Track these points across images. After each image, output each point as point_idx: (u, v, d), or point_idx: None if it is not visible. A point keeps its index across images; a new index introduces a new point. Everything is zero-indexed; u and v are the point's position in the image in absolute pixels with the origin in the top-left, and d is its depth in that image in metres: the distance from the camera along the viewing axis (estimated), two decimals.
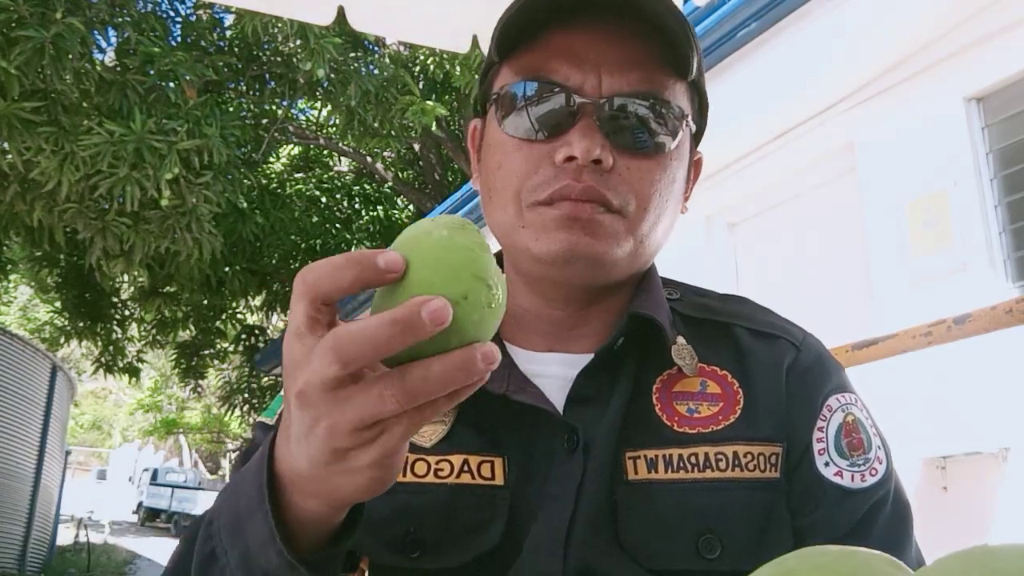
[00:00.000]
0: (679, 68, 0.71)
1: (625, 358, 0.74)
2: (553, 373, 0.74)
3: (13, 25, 4.87)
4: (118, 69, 5.73)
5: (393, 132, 6.97)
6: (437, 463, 0.71)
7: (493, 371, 0.70)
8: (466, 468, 0.70)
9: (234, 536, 0.55)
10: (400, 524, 0.69)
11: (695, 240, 4.01)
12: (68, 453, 16.42)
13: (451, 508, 0.69)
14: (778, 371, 0.74)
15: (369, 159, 9.19)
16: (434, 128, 6.96)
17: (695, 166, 0.82)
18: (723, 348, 0.76)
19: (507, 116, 0.72)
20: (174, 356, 10.04)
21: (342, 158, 10.02)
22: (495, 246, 0.81)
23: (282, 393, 0.79)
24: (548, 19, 0.71)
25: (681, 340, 0.75)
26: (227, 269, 8.37)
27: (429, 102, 6.55)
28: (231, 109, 6.97)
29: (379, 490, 0.50)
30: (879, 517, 0.71)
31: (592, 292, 0.75)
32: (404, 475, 0.70)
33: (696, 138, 0.80)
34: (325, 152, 9.98)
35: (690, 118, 0.75)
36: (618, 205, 0.70)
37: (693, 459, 0.70)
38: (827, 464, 0.71)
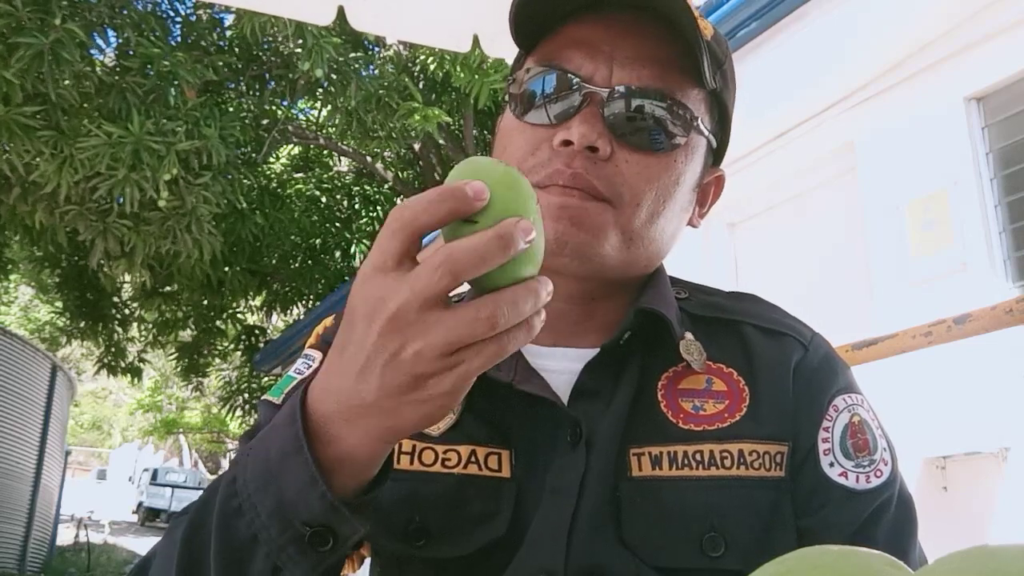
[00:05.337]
0: (696, 74, 0.71)
1: (631, 354, 0.73)
2: (559, 368, 0.74)
3: (13, 29, 4.87)
4: (117, 70, 5.73)
5: (393, 135, 6.97)
6: (445, 452, 0.71)
7: (500, 361, 0.71)
8: (473, 459, 0.70)
9: (265, 489, 0.55)
10: (405, 512, 0.69)
11: (694, 240, 4.02)
12: (68, 453, 16.42)
13: (457, 498, 0.69)
14: (785, 370, 0.74)
15: (369, 159, 9.19)
16: (434, 131, 6.95)
17: (716, 183, 0.81)
18: (731, 346, 0.76)
19: (517, 101, 0.73)
20: (174, 356, 10.04)
21: (342, 158, 10.01)
22: None
23: (307, 351, 0.80)
24: (569, 12, 0.71)
25: (689, 336, 0.75)
26: (227, 269, 8.36)
27: (432, 109, 6.54)
28: (231, 109, 6.97)
29: (437, 420, 0.52)
30: (883, 519, 0.71)
31: (592, 287, 0.75)
32: (411, 463, 0.70)
33: (717, 155, 0.79)
34: (325, 152, 9.97)
35: (703, 125, 0.73)
36: (607, 194, 0.69)
37: (698, 456, 0.69)
38: (832, 464, 0.71)
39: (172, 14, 7.10)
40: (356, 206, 9.71)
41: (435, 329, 0.48)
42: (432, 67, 6.50)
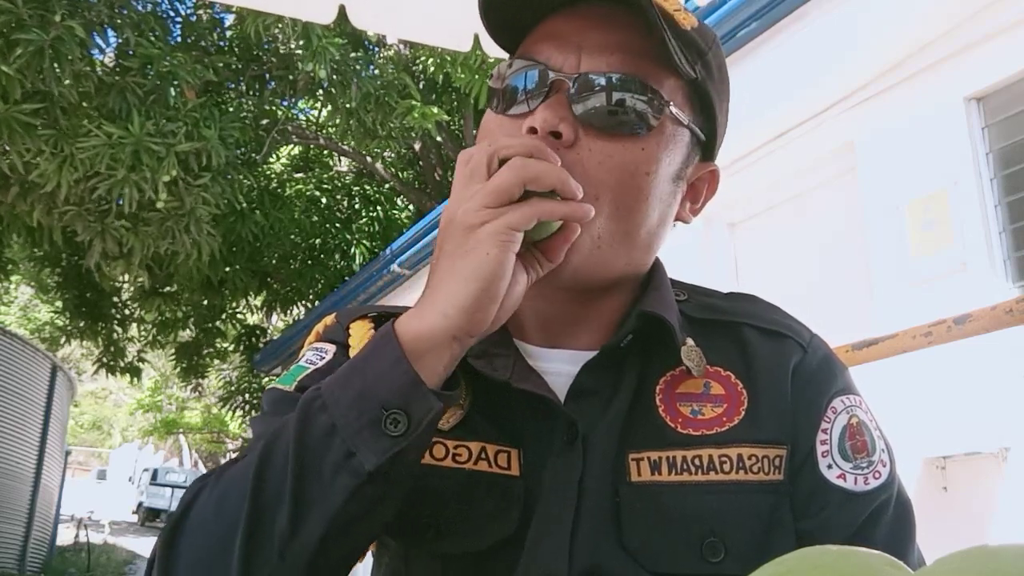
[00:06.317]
0: (671, 64, 0.69)
1: (630, 356, 0.73)
2: (557, 369, 0.74)
3: (13, 27, 4.86)
4: (117, 71, 5.72)
5: (393, 134, 6.96)
6: (456, 447, 0.71)
7: (497, 361, 0.71)
8: (484, 456, 0.70)
9: (349, 381, 0.61)
10: (415, 506, 0.68)
11: (694, 240, 4.02)
12: (68, 453, 16.42)
13: (467, 494, 0.69)
14: (784, 372, 0.73)
15: (369, 159, 9.18)
16: (432, 130, 6.94)
17: (710, 178, 0.79)
18: (729, 349, 0.75)
19: (493, 97, 0.74)
20: (174, 356, 10.03)
21: (342, 158, 10.00)
22: None
23: (316, 344, 0.80)
24: (543, 12, 0.72)
25: (690, 342, 0.74)
26: (227, 269, 8.36)
27: (431, 107, 6.54)
28: (231, 110, 6.96)
29: (484, 275, 0.60)
30: (882, 520, 0.71)
31: (579, 288, 0.73)
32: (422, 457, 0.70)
33: (707, 148, 0.77)
34: (325, 152, 9.97)
35: (680, 113, 0.71)
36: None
37: (697, 461, 0.69)
38: (830, 467, 0.71)
39: (172, 14, 7.10)
40: (356, 206, 9.69)
41: (482, 190, 0.62)
42: (432, 68, 6.50)
